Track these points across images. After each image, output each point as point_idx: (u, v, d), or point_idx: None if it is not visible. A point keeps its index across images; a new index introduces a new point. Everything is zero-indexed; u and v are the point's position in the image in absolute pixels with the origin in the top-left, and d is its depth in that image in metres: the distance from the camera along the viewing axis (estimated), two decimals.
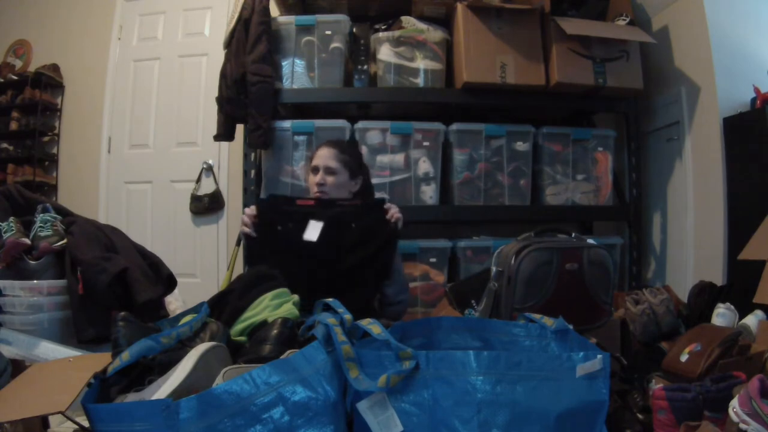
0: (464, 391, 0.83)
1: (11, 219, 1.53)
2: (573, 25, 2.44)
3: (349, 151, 1.88)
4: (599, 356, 0.85)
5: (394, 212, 1.69)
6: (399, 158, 2.51)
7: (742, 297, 1.66)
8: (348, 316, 0.96)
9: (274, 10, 2.64)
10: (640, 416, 1.12)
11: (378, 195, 2.47)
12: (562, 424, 0.81)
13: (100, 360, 1.00)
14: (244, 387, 0.76)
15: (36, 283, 1.47)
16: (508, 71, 2.44)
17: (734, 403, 0.86)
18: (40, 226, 1.55)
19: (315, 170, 1.81)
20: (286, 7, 2.74)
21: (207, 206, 3.31)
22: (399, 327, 1.12)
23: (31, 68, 3.59)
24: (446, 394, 0.83)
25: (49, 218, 1.58)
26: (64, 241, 1.55)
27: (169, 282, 1.67)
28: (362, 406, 0.83)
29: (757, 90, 2.26)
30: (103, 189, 3.47)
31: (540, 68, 2.47)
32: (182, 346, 1.01)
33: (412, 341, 1.11)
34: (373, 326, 0.93)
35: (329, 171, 1.79)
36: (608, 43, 2.52)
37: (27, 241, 1.50)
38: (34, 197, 1.70)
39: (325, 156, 1.81)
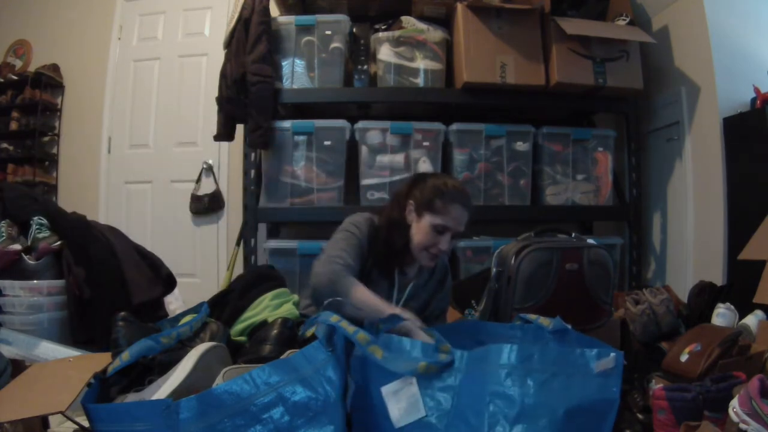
0: (480, 381, 0.83)
1: (3, 223, 1.53)
2: (573, 25, 2.44)
3: None
4: (612, 354, 0.83)
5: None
6: (399, 158, 2.50)
7: (742, 297, 1.66)
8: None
9: (274, 10, 2.64)
10: (640, 416, 1.12)
11: (378, 195, 2.49)
12: (570, 420, 0.80)
13: (100, 360, 1.00)
14: (244, 387, 0.76)
15: (36, 283, 1.47)
16: (508, 71, 2.43)
17: (734, 403, 0.86)
18: (37, 229, 1.55)
19: (441, 229, 1.43)
20: (286, 7, 2.74)
21: (207, 206, 3.31)
22: None
23: (31, 68, 3.58)
24: (464, 386, 0.84)
25: (43, 222, 1.58)
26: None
27: (168, 282, 1.67)
28: (387, 390, 0.84)
29: (757, 90, 2.26)
30: (103, 189, 3.46)
31: (540, 68, 2.47)
32: (182, 346, 1.01)
33: None
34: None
35: (455, 237, 1.47)
36: (608, 43, 2.52)
37: (17, 247, 1.49)
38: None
39: (459, 218, 1.44)
